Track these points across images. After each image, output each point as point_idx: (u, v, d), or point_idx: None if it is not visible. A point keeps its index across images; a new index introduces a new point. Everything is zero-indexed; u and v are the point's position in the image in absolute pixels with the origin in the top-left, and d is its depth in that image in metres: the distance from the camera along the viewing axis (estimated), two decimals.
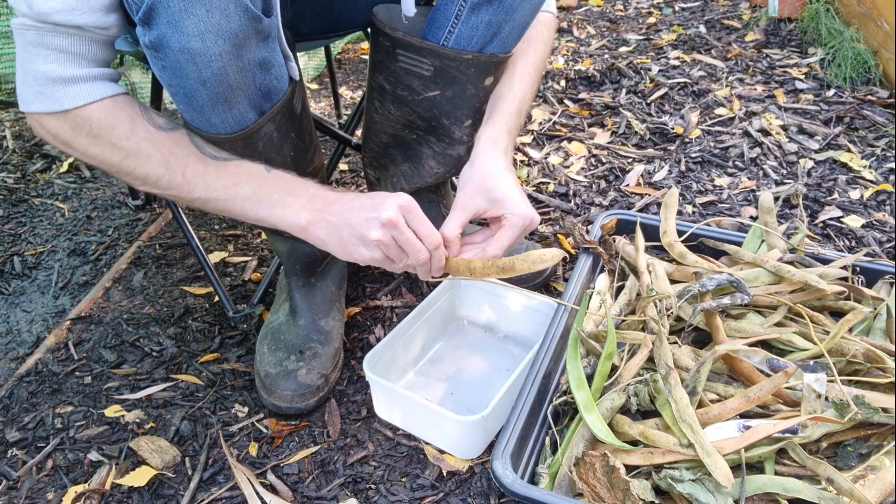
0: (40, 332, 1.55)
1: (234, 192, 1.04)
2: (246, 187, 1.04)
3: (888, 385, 1.09)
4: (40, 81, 0.95)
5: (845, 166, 1.88)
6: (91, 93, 0.97)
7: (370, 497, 1.14)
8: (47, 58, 0.94)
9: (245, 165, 1.05)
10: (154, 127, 1.01)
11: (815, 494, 0.95)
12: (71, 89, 0.96)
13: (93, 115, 0.97)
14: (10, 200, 2.03)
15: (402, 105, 1.28)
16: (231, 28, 0.89)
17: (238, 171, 1.04)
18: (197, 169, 1.03)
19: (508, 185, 1.11)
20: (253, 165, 1.05)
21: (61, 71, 0.95)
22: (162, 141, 1.01)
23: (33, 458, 1.24)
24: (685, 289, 1.21)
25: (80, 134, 0.99)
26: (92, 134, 0.98)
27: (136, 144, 1.00)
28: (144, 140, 1.00)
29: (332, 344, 1.34)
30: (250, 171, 1.05)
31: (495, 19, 1.14)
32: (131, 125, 1.00)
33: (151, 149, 1.01)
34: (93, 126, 0.98)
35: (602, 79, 2.47)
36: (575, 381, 1.12)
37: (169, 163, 1.02)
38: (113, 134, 0.99)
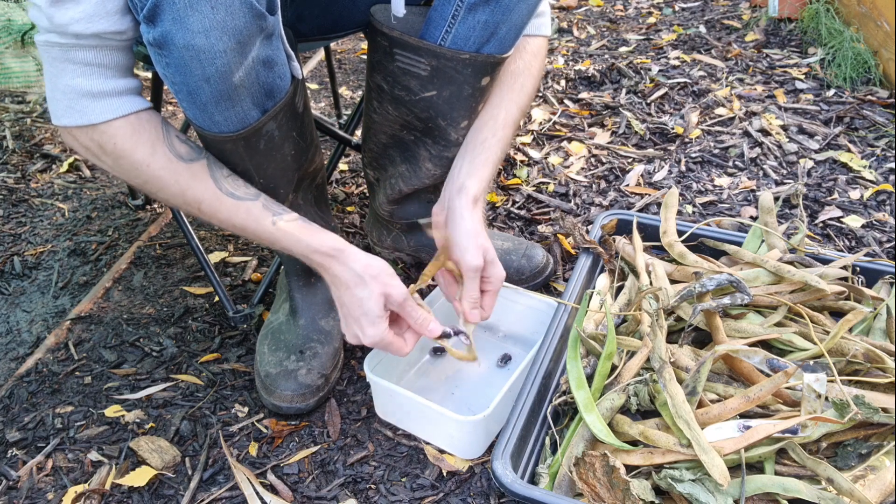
0: (40, 332, 1.55)
1: (244, 233, 1.10)
2: (253, 235, 1.10)
3: (888, 385, 1.09)
4: (69, 96, 0.97)
5: (845, 166, 1.88)
6: (117, 108, 0.98)
7: (370, 497, 1.14)
8: (74, 72, 0.95)
9: (254, 211, 1.07)
10: (175, 156, 1.03)
11: (815, 494, 0.95)
12: (98, 104, 0.97)
13: (117, 133, 0.99)
14: (11, 200, 2.03)
15: (400, 105, 1.28)
16: (236, 25, 0.89)
17: (247, 218, 1.07)
18: (212, 206, 1.06)
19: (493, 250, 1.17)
20: (261, 213, 1.08)
21: (89, 85, 0.96)
22: (180, 173, 1.04)
23: (33, 458, 1.24)
24: (685, 288, 1.21)
25: (106, 153, 1.01)
26: (116, 154, 1.01)
27: (155, 173, 1.03)
28: (163, 170, 1.03)
29: (333, 344, 1.34)
30: (258, 221, 1.08)
31: (492, 19, 1.14)
32: (151, 151, 1.02)
33: (170, 179, 1.04)
34: (116, 145, 1.00)
35: (602, 79, 2.47)
36: (575, 381, 1.12)
37: (185, 195, 1.05)
38: (134, 157, 1.01)
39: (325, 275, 1.11)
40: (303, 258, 1.11)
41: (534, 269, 1.48)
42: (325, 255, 1.08)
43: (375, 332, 1.08)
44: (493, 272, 1.17)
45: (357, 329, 1.09)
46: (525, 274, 1.48)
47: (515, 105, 1.27)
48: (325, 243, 1.08)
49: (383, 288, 1.07)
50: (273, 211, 1.08)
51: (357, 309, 1.08)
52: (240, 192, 1.07)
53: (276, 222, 1.08)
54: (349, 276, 1.07)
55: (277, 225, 1.08)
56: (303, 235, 1.08)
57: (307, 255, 1.09)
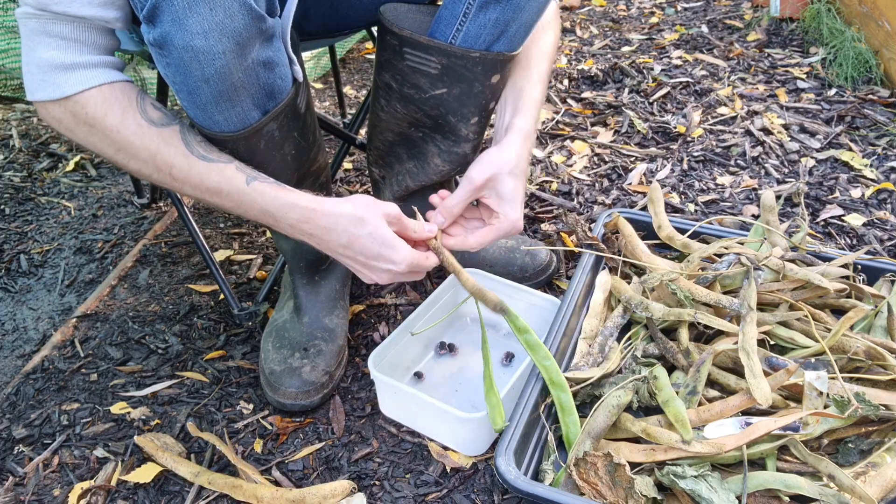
0: (46, 330, 1.56)
1: (219, 199, 1.05)
2: (228, 199, 1.04)
3: (889, 382, 1.10)
4: (43, 69, 0.96)
5: (846, 165, 1.88)
6: (90, 79, 0.97)
7: (374, 493, 1.15)
8: (49, 45, 0.95)
9: (227, 172, 1.03)
10: (146, 121, 1.00)
11: (817, 491, 0.96)
12: (71, 76, 0.96)
13: (88, 102, 0.97)
14: (17, 199, 2.04)
15: (409, 103, 1.29)
16: (234, 27, 0.90)
17: (220, 179, 1.03)
18: (182, 170, 1.02)
19: (517, 188, 1.16)
20: (235, 174, 1.03)
21: (62, 57, 0.95)
22: (150, 137, 1.00)
23: (40, 454, 1.25)
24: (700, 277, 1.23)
25: (79, 122, 0.99)
26: (87, 122, 0.98)
27: (126, 138, 0.99)
28: (134, 135, 0.99)
29: (337, 341, 1.35)
30: (230, 181, 1.03)
31: (503, 17, 1.15)
32: (122, 117, 0.98)
33: (140, 144, 1.00)
34: (88, 113, 0.98)
35: (605, 78, 2.48)
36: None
37: (156, 161, 1.01)
38: (105, 123, 0.98)
39: (311, 232, 1.05)
40: (280, 219, 1.05)
41: (537, 267, 1.49)
42: (306, 209, 1.03)
43: (406, 254, 1.05)
44: (504, 209, 1.16)
45: (384, 264, 1.05)
46: (528, 272, 1.48)
47: (543, 54, 1.27)
48: (303, 197, 1.04)
49: (379, 211, 1.05)
50: (247, 173, 1.04)
51: (372, 245, 1.04)
52: (212, 155, 1.03)
53: (251, 182, 1.03)
54: (344, 220, 1.04)
55: (252, 185, 1.03)
56: (280, 192, 1.04)
57: (285, 212, 1.04)
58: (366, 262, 1.07)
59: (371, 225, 1.04)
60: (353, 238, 1.04)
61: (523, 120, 1.21)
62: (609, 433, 1.10)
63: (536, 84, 1.25)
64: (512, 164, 1.16)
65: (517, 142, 1.18)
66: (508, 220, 1.16)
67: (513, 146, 1.17)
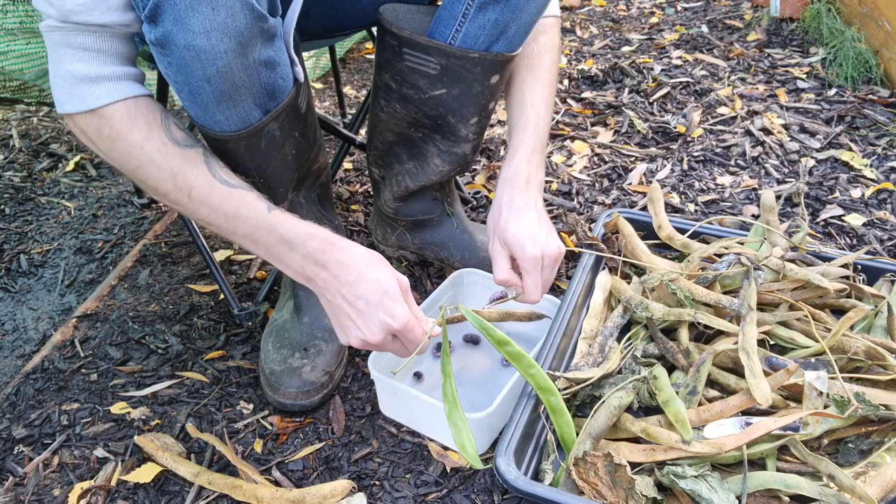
0: (46, 330, 1.56)
1: (234, 225, 1.03)
2: (245, 224, 1.03)
3: (889, 382, 1.10)
4: (69, 81, 0.96)
5: (846, 165, 1.88)
6: (115, 92, 0.97)
7: (374, 493, 1.15)
8: (73, 57, 0.95)
9: (248, 199, 1.03)
10: (171, 140, 1.00)
11: (817, 491, 0.96)
12: (97, 88, 0.96)
13: (114, 115, 0.98)
14: (17, 199, 2.04)
15: (408, 103, 1.29)
16: (236, 26, 0.90)
17: (240, 205, 1.02)
18: (202, 192, 1.02)
19: (517, 225, 1.17)
20: (256, 201, 1.03)
21: (87, 70, 0.95)
22: (174, 156, 1.00)
23: (40, 454, 1.25)
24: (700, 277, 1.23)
25: (102, 136, 0.99)
26: (112, 137, 0.99)
27: (149, 156, 1.00)
28: (157, 153, 1.00)
29: (337, 341, 1.35)
30: (251, 208, 1.02)
31: (502, 18, 1.15)
32: (147, 133, 0.99)
33: (163, 163, 1.00)
34: (113, 127, 0.98)
35: (605, 78, 2.48)
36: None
37: (177, 180, 1.01)
38: (129, 139, 0.99)
39: (324, 269, 1.03)
40: (297, 248, 1.03)
41: None
42: (325, 241, 1.02)
43: (404, 310, 1.01)
44: (518, 253, 1.17)
45: (381, 313, 1.01)
46: None
47: (539, 83, 1.27)
48: (322, 230, 1.04)
49: (393, 272, 1.03)
50: (270, 203, 1.04)
51: (376, 292, 1.00)
52: (234, 181, 1.04)
53: (272, 210, 1.03)
54: (357, 261, 1.02)
55: (273, 213, 1.03)
56: (299, 223, 1.03)
57: (304, 241, 1.02)
58: (364, 309, 1.01)
59: (382, 272, 1.01)
60: (360, 278, 1.01)
61: (507, 168, 1.23)
62: (609, 433, 1.10)
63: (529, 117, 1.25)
64: (504, 213, 1.18)
65: (502, 191, 1.21)
66: (525, 257, 1.15)
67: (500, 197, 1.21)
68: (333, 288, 1.03)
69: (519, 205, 1.18)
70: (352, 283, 1.01)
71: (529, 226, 1.16)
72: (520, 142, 1.24)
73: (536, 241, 1.15)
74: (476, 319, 1.12)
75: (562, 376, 1.13)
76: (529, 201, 1.19)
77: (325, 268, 1.02)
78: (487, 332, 1.12)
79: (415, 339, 1.04)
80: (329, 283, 1.03)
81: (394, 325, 1.01)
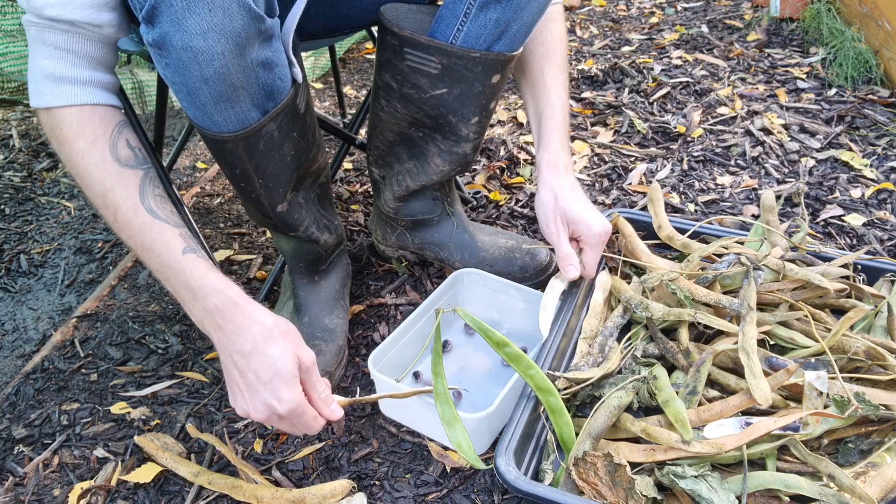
0: (46, 330, 1.56)
1: (148, 257, 1.01)
2: (157, 260, 1.00)
3: (889, 382, 1.09)
4: (37, 76, 0.98)
5: (846, 165, 1.88)
6: (73, 95, 0.98)
7: (374, 493, 1.15)
8: (44, 54, 0.96)
9: (167, 235, 0.99)
10: (112, 157, 0.98)
11: (817, 491, 0.96)
12: (57, 88, 0.97)
13: (65, 119, 0.98)
14: (17, 199, 2.04)
15: (409, 103, 1.29)
16: (233, 27, 0.90)
17: (157, 239, 0.98)
18: (126, 217, 0.99)
19: (577, 205, 1.26)
20: (174, 240, 0.99)
21: (53, 68, 0.96)
22: (109, 173, 0.98)
23: (40, 454, 1.25)
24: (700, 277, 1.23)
25: (54, 135, 1.00)
26: (60, 139, 0.99)
27: (87, 167, 0.98)
28: (95, 166, 0.98)
29: (337, 341, 1.35)
30: (167, 245, 0.98)
31: (503, 17, 1.15)
32: (91, 144, 0.98)
33: (97, 177, 0.98)
34: (63, 130, 0.98)
35: (605, 78, 2.48)
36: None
37: (106, 198, 0.99)
38: (74, 146, 0.98)
39: (220, 330, 0.97)
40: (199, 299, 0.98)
41: (537, 266, 1.49)
42: (228, 301, 0.97)
43: (293, 396, 0.95)
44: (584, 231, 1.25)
45: (268, 395, 0.94)
46: (529, 272, 1.48)
47: (557, 69, 1.33)
48: (232, 288, 0.98)
49: (295, 348, 0.97)
50: (189, 245, 0.99)
51: (267, 370, 0.94)
52: (162, 213, 1.00)
53: (187, 253, 0.98)
54: (257, 331, 0.95)
55: (187, 255, 0.98)
56: (211, 273, 0.98)
57: (207, 295, 0.97)
58: (253, 383, 0.95)
59: (280, 348, 0.95)
60: (255, 351, 0.95)
61: (546, 153, 1.30)
62: (609, 433, 1.10)
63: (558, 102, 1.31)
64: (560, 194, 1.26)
65: (549, 176, 1.29)
66: (592, 234, 1.25)
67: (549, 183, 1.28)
68: (227, 352, 0.98)
69: (570, 188, 1.27)
70: (245, 355, 0.95)
71: (586, 206, 1.26)
72: (553, 128, 1.31)
73: (597, 219, 1.25)
74: (474, 321, 1.12)
75: (562, 376, 1.13)
76: (576, 185, 1.29)
77: (222, 330, 0.97)
78: (486, 333, 1.12)
79: (304, 425, 0.99)
80: (224, 345, 0.98)
81: (278, 409, 0.95)
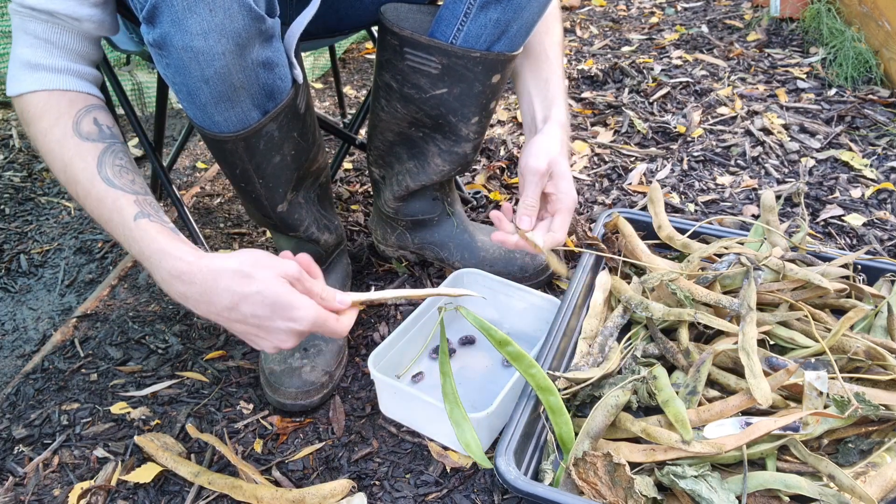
0: (46, 330, 1.56)
1: (109, 228, 0.97)
2: (115, 230, 0.96)
3: (889, 382, 1.10)
4: (15, 65, 0.98)
5: (847, 165, 1.88)
6: (45, 81, 0.97)
7: (374, 493, 1.15)
8: (24, 42, 0.97)
9: (121, 202, 0.94)
10: (74, 132, 0.96)
11: (817, 491, 0.96)
12: (32, 75, 0.97)
13: (33, 102, 0.97)
14: (17, 199, 2.04)
15: (409, 103, 1.29)
16: (234, 27, 0.90)
17: (112, 208, 0.94)
18: (84, 190, 0.96)
19: (567, 167, 1.21)
20: (127, 206, 0.94)
21: (31, 56, 0.97)
22: (69, 148, 0.96)
23: (40, 454, 1.25)
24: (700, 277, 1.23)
25: (24, 120, 1.00)
26: (27, 121, 0.99)
27: (48, 144, 0.96)
28: (56, 142, 0.96)
29: (337, 341, 1.35)
30: (120, 213, 0.94)
31: (504, 18, 1.15)
32: (54, 122, 0.96)
33: (58, 153, 0.96)
34: (30, 112, 0.98)
35: (605, 78, 2.48)
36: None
37: (66, 172, 0.97)
38: (38, 126, 0.97)
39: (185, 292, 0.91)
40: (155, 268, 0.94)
41: (537, 266, 1.49)
42: (180, 261, 0.91)
43: (304, 311, 0.90)
44: (562, 187, 1.19)
45: (282, 325, 0.90)
46: (528, 272, 1.49)
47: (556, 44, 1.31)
48: (182, 248, 0.92)
49: (274, 270, 0.90)
50: (144, 210, 0.95)
51: (264, 307, 0.89)
52: (120, 181, 0.95)
53: (138, 219, 0.93)
54: (226, 278, 0.89)
55: (138, 221, 0.93)
56: (160, 236, 0.93)
57: (160, 261, 0.92)
58: (259, 324, 0.91)
59: (260, 282, 0.88)
60: (238, 298, 0.89)
61: (558, 110, 1.26)
62: (609, 433, 1.10)
63: (561, 75, 1.29)
64: (560, 147, 1.20)
65: (558, 130, 1.23)
66: (570, 196, 1.20)
67: (555, 133, 1.22)
68: (213, 313, 0.92)
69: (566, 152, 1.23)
70: (232, 308, 0.90)
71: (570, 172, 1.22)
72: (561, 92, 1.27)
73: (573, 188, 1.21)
74: (477, 321, 1.12)
75: (562, 376, 1.13)
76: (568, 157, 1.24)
77: (188, 297, 0.92)
78: (488, 332, 1.12)
79: (332, 330, 0.94)
80: (204, 308, 0.92)
81: (299, 328, 0.91)
